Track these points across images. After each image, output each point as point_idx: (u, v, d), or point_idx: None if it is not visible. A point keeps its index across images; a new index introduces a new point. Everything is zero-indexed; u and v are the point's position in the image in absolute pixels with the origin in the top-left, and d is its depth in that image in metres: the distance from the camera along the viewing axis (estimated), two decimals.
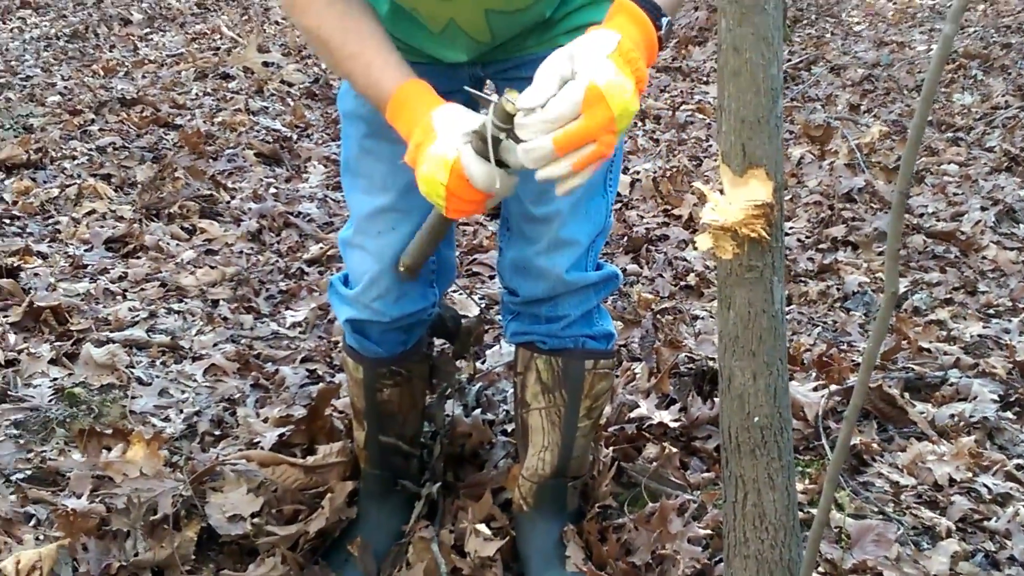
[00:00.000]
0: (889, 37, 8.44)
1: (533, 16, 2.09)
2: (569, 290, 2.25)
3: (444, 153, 1.79)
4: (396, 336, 2.40)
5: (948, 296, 3.83)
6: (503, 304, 2.44)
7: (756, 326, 1.77)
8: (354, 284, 2.30)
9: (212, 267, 4.07)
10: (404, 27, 2.09)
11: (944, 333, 3.51)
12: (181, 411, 2.99)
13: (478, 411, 2.92)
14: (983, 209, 4.63)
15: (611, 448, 2.70)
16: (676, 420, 2.80)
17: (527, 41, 2.13)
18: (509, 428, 2.87)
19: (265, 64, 7.44)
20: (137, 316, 3.59)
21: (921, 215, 4.66)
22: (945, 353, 3.33)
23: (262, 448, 2.68)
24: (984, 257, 4.17)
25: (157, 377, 3.18)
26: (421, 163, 1.82)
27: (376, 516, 2.53)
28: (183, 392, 3.12)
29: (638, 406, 2.86)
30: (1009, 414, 2.97)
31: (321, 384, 3.10)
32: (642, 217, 4.68)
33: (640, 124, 6.24)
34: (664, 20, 1.81)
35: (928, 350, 3.36)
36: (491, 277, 3.98)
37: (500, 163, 1.79)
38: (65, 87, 6.78)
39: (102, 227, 4.37)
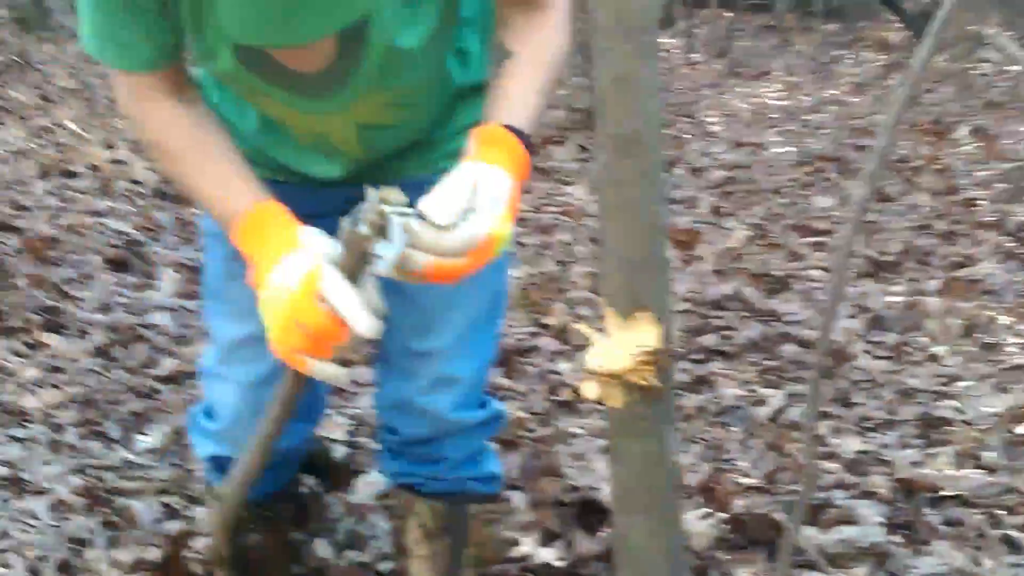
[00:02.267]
0: (746, 138, 8.57)
1: (409, 134, 1.99)
2: (453, 431, 2.13)
3: (301, 266, 1.60)
4: (264, 476, 2.22)
5: (825, 409, 3.78)
6: (381, 440, 2.31)
7: (649, 479, 1.68)
8: (217, 418, 2.16)
9: (56, 387, 3.81)
10: (272, 140, 1.97)
11: (824, 449, 3.45)
12: (22, 555, 2.74)
13: (352, 552, 2.74)
14: (851, 317, 4.63)
15: None
16: (560, 558, 2.68)
17: (406, 163, 2.03)
18: (382, 567, 2.70)
19: (113, 161, 7.18)
20: None
21: (791, 323, 4.64)
22: (827, 472, 3.27)
23: None
24: (856, 367, 4.15)
25: None
26: (267, 283, 1.64)
27: None
28: (24, 532, 2.87)
29: (518, 543, 2.72)
30: (897, 537, 2.90)
31: (178, 525, 2.89)
32: (511, 327, 4.56)
33: None
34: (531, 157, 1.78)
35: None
36: (355, 394, 3.81)
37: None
38: None
39: None
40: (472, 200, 1.62)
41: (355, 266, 1.56)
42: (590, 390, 1.67)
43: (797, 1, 13.89)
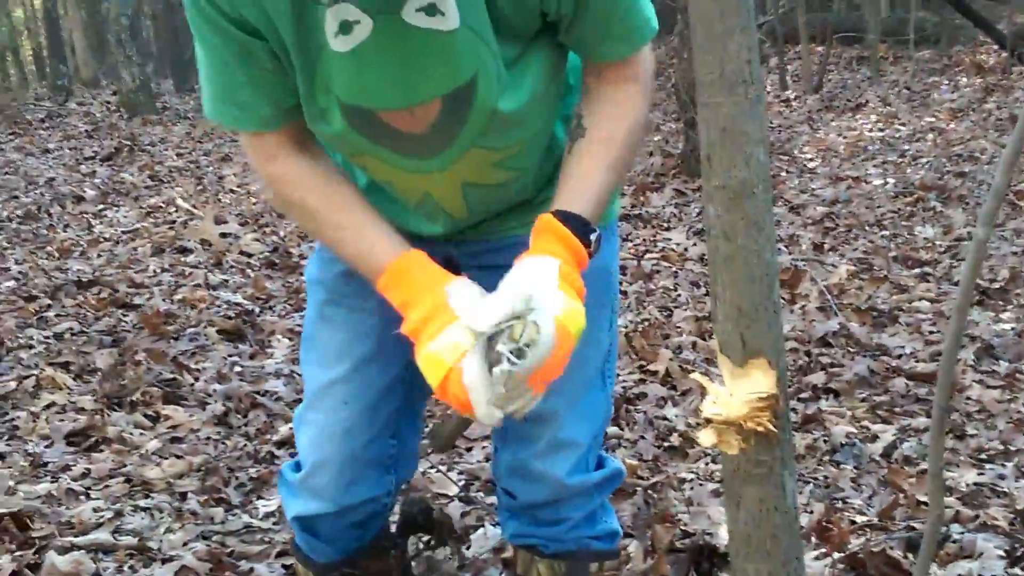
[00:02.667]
0: (844, 172, 8.52)
1: (513, 194, 2.02)
2: (571, 494, 2.14)
3: (459, 341, 1.69)
4: (349, 532, 2.23)
5: None
6: (499, 503, 2.31)
7: (769, 524, 1.67)
8: (302, 467, 2.15)
9: (178, 457, 3.92)
10: (378, 200, 2.02)
11: None
12: None
13: None
14: (962, 347, 4.57)
15: None
16: None
17: (507, 223, 2.06)
18: None
19: (223, 235, 7.39)
20: (102, 516, 3.42)
21: (899, 356, 4.60)
22: (944, 506, 3.22)
23: None
24: (968, 398, 4.10)
25: None
26: (428, 339, 1.72)
27: None
28: None
29: None
30: (1018, 570, 2.85)
31: None
32: (618, 375, 4.58)
33: None
34: (593, 236, 1.81)
35: (925, 503, 3.26)
36: (468, 449, 3.86)
37: None
38: (19, 271, 6.67)
39: (62, 420, 4.22)
40: (524, 305, 1.67)
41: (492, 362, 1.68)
42: (706, 438, 1.68)
43: (889, 30, 13.74)
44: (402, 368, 2.02)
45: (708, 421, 1.67)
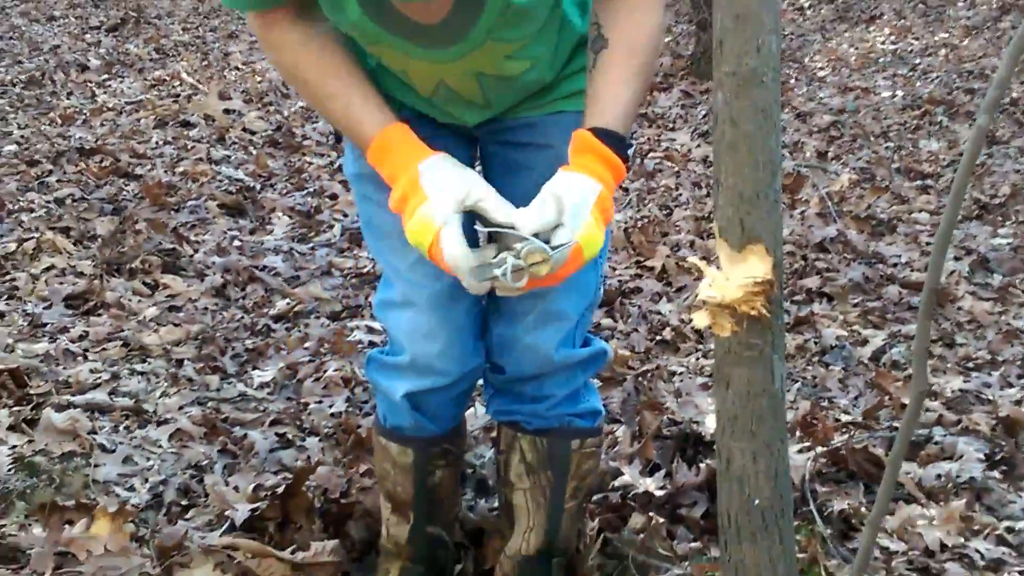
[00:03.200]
0: (853, 83, 8.47)
1: (529, 83, 2.03)
2: (556, 368, 2.17)
3: (431, 218, 1.78)
4: (451, 408, 2.29)
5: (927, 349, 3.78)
6: (485, 380, 2.34)
7: (756, 406, 1.71)
8: (407, 348, 2.16)
9: (176, 325, 3.96)
10: (391, 85, 2.03)
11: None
12: (146, 480, 2.88)
13: (483, 502, 2.81)
14: (957, 259, 4.61)
15: (596, 519, 2.61)
16: (661, 487, 2.73)
17: (524, 105, 2.07)
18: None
19: (226, 111, 7.36)
20: (99, 378, 3.47)
21: (895, 265, 4.63)
22: (927, 410, 3.27)
23: (233, 523, 2.58)
24: (960, 308, 4.14)
25: (120, 443, 3.06)
26: (408, 217, 1.82)
27: None
28: (148, 459, 3.01)
29: (621, 473, 2.78)
30: (996, 473, 2.91)
31: (293, 454, 3.00)
32: (614, 269, 4.62)
33: None
34: (630, 151, 1.90)
35: None
36: None
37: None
38: (21, 136, 6.64)
39: (61, 283, 4.26)
40: (559, 216, 1.78)
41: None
42: (700, 319, 1.71)
43: None
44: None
45: (703, 303, 1.70)
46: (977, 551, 2.55)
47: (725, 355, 1.72)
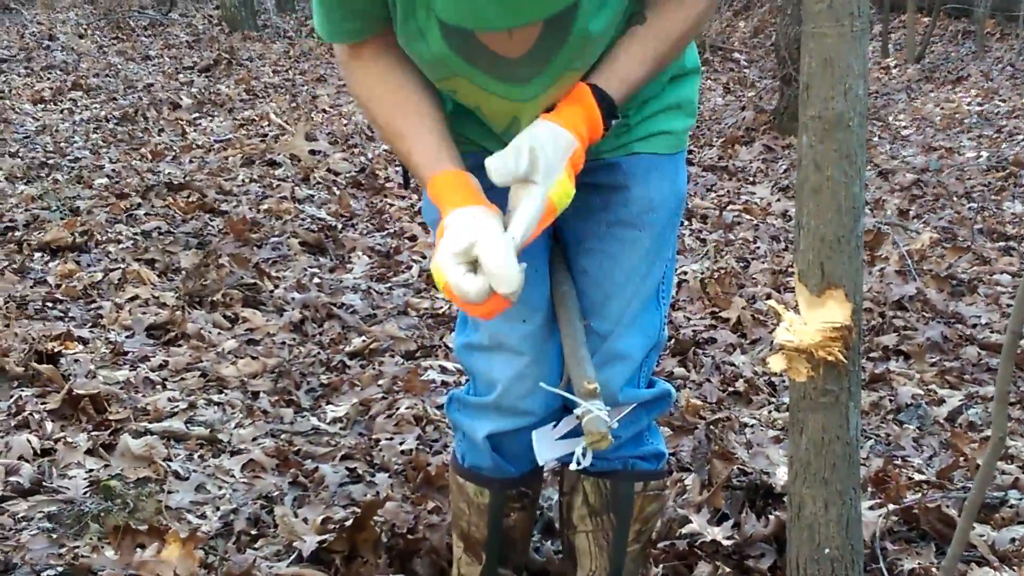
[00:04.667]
0: (937, 142, 8.39)
1: None
2: (622, 408, 2.16)
3: (437, 264, 1.81)
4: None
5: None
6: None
7: (830, 453, 1.71)
8: (492, 390, 2.16)
9: (253, 357, 4.02)
10: (467, 125, 2.05)
11: (1002, 451, 3.40)
12: (218, 508, 2.93)
13: (549, 543, 2.81)
14: None
15: (660, 566, 2.60)
16: (729, 537, 2.70)
17: (601, 146, 2.07)
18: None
19: (312, 152, 7.47)
20: (176, 407, 3.54)
21: (974, 326, 4.56)
22: (1003, 472, 3.22)
23: (301, 554, 2.60)
24: None
25: (194, 471, 3.12)
26: (433, 256, 1.85)
27: None
28: (220, 488, 3.06)
29: (689, 521, 2.76)
30: None
31: (362, 489, 3.02)
32: (689, 319, 4.61)
33: (687, 223, 6.19)
34: (614, 122, 1.90)
35: None
36: None
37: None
38: (112, 170, 6.82)
39: (144, 313, 4.35)
40: (532, 171, 1.79)
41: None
42: (777, 363, 1.71)
43: (998, 5, 13.42)
44: (545, 265, 2.12)
45: (780, 347, 1.70)
46: None
47: (800, 400, 1.72)
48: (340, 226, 5.94)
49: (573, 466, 1.94)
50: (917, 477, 3.18)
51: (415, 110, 1.92)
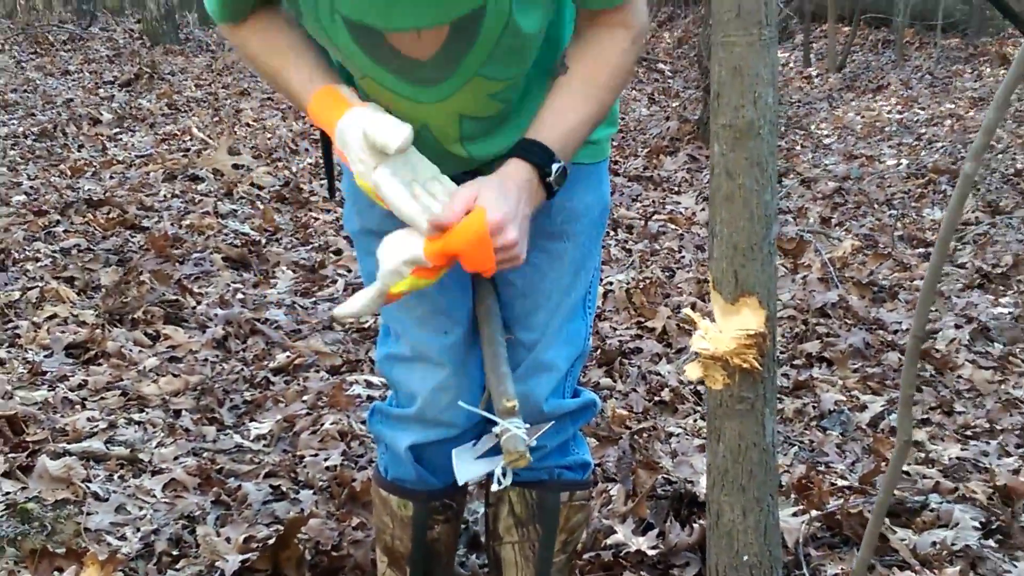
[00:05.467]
0: (858, 150, 8.52)
1: (503, 129, 2.00)
2: (546, 419, 2.15)
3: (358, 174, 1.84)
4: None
5: (925, 416, 3.77)
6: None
7: (747, 460, 1.71)
8: (413, 402, 2.15)
9: (175, 375, 3.96)
10: None
11: (922, 455, 3.45)
12: (138, 529, 2.88)
13: (474, 557, 2.80)
14: (957, 327, 4.60)
15: None
16: (654, 547, 2.71)
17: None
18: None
19: (235, 166, 7.40)
20: (96, 427, 3.48)
21: (895, 332, 4.63)
22: (924, 476, 3.26)
23: (223, 573, 2.57)
24: (960, 376, 4.13)
25: (114, 492, 3.06)
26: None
27: None
28: (141, 508, 3.00)
29: (614, 531, 2.76)
30: (991, 542, 2.88)
31: (286, 507, 2.99)
32: (615, 329, 4.62)
33: (613, 233, 6.22)
34: (555, 165, 1.83)
35: (907, 473, 3.29)
36: None
37: None
38: (31, 187, 6.71)
39: (63, 332, 4.27)
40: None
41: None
42: (693, 371, 1.72)
43: (917, 14, 13.66)
44: (468, 277, 2.08)
45: (696, 355, 1.71)
46: None
47: (717, 408, 1.73)
48: (264, 241, 5.88)
49: (494, 486, 1.93)
50: (840, 483, 3.20)
51: (288, 44, 1.92)
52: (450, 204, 1.75)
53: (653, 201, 7.18)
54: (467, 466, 2.04)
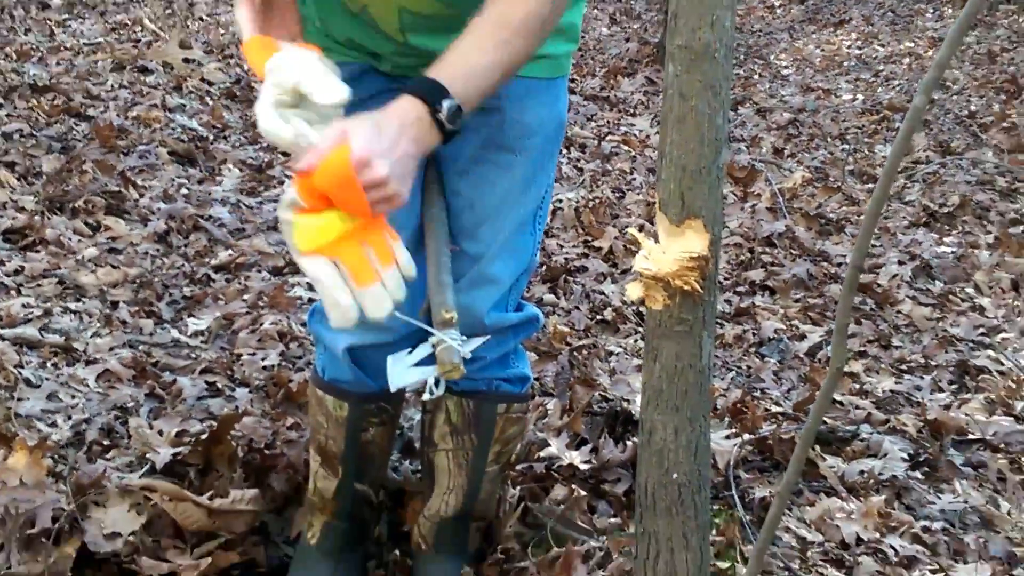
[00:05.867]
0: (816, 83, 8.52)
1: (448, 28, 1.97)
2: (488, 331, 2.15)
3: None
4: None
5: (862, 348, 3.82)
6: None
7: (682, 380, 1.71)
8: None
9: (114, 267, 3.91)
10: (356, 28, 1.99)
11: (857, 386, 3.49)
12: (70, 417, 2.84)
13: (407, 463, 2.80)
14: (900, 263, 4.65)
15: (518, 487, 2.61)
16: (586, 462, 2.73)
17: None
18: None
19: (186, 60, 7.25)
20: (31, 313, 3.42)
21: (839, 264, 4.66)
22: (857, 407, 3.30)
23: (154, 465, 2.55)
24: (899, 312, 4.18)
25: (47, 379, 3.02)
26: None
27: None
28: (73, 397, 2.97)
29: (548, 444, 2.78)
30: (918, 474, 2.94)
31: (221, 403, 2.97)
32: (562, 247, 4.62)
33: (565, 152, 6.19)
34: (446, 102, 1.71)
35: (840, 403, 3.34)
36: None
37: None
38: None
39: (1, 217, 4.19)
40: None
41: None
42: (634, 290, 1.71)
43: None
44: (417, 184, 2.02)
45: (638, 275, 1.70)
46: (892, 547, 2.57)
47: (656, 328, 1.72)
48: (212, 137, 5.79)
49: (426, 395, 1.93)
50: (774, 409, 3.24)
51: None
52: (319, 141, 1.65)
53: (608, 122, 7.15)
54: (401, 373, 2.04)
